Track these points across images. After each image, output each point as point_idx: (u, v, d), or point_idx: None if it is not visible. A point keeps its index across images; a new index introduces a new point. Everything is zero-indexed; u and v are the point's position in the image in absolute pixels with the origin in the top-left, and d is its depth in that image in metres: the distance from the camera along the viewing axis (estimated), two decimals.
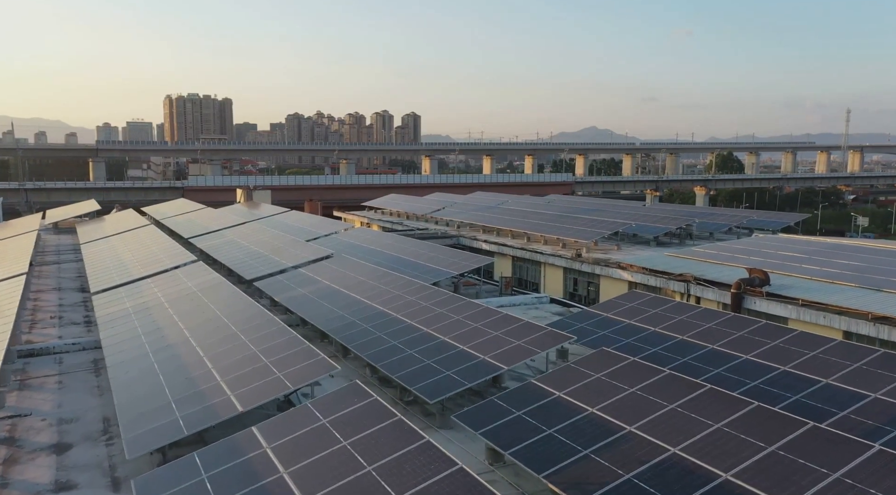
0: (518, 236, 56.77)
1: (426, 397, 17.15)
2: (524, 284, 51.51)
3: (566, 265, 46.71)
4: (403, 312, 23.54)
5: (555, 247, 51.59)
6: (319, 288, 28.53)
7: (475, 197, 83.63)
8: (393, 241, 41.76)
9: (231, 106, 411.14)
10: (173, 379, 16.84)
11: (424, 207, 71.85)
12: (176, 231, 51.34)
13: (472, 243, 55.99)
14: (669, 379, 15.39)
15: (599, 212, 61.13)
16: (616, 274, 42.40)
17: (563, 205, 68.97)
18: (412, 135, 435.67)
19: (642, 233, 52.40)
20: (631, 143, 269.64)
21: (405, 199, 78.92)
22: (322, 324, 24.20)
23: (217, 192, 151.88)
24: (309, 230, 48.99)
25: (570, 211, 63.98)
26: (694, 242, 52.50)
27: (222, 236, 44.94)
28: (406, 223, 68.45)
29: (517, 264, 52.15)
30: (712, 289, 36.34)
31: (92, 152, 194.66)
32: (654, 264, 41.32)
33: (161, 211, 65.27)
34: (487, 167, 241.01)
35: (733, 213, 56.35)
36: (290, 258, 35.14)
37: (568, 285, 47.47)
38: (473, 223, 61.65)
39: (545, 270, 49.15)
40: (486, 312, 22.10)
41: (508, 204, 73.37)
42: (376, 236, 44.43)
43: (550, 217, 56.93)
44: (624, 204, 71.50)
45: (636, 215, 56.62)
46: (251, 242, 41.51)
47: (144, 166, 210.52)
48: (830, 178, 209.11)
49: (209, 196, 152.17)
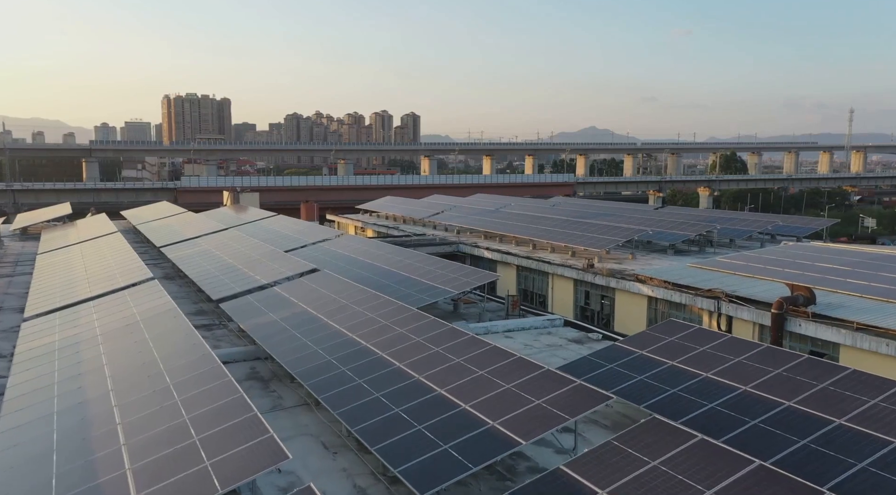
0: (523, 243, 52.11)
1: (416, 487, 12.44)
2: (530, 297, 46.82)
3: (577, 277, 41.99)
4: (392, 350, 18.83)
5: (563, 255, 46.90)
6: (294, 313, 23.82)
7: (476, 199, 78.92)
8: (387, 253, 37.04)
9: (229, 106, 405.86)
10: (68, 465, 12.15)
11: (422, 211, 67.14)
12: (150, 238, 46.64)
13: (474, 251, 51.29)
14: (761, 474, 10.69)
15: (610, 216, 56.41)
16: (634, 288, 37.68)
17: (570, 209, 64.25)
18: (411, 135, 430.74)
19: (658, 241, 47.70)
20: (632, 143, 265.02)
21: (402, 202, 74.24)
22: (291, 362, 19.50)
23: (210, 193, 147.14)
24: (295, 238, 44.27)
25: (577, 215, 59.28)
26: (715, 250, 47.78)
27: (197, 245, 40.24)
28: (403, 228, 63.78)
29: (522, 274, 47.45)
30: (747, 309, 31.63)
31: (85, 152, 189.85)
32: (678, 277, 36.62)
33: (140, 215, 60.67)
34: (487, 167, 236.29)
35: (755, 219, 51.66)
36: (267, 273, 30.42)
37: (579, 298, 42.77)
38: (474, 228, 56.96)
39: (553, 282, 44.43)
40: (495, 354, 17.37)
41: (511, 207, 68.69)
42: (369, 246, 39.71)
43: (557, 222, 52.21)
44: (634, 207, 66.84)
45: (651, 220, 51.89)
46: (227, 253, 36.79)
47: (139, 167, 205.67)
48: (836, 179, 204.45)
49: (202, 197, 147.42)
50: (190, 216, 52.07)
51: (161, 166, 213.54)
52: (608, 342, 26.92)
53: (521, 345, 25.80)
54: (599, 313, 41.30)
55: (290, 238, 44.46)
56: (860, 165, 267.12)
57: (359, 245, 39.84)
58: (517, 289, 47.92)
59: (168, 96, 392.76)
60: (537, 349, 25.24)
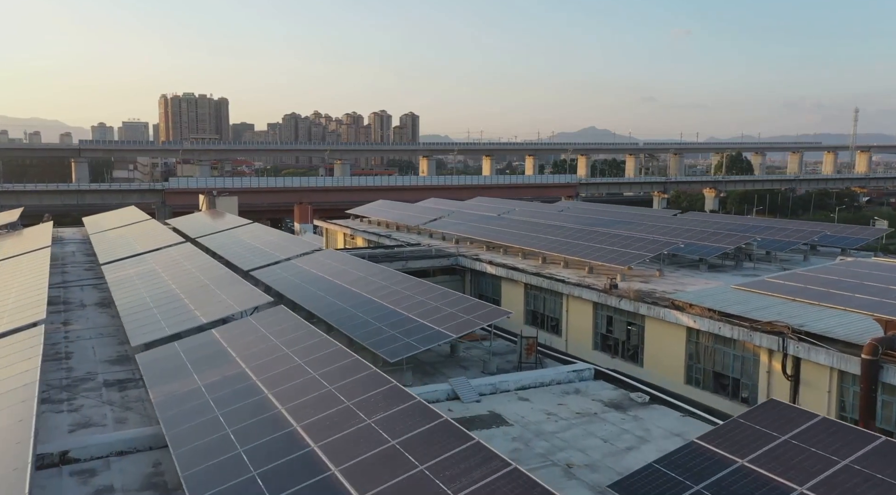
0: (531, 256, 45.07)
1: None
2: (541, 320, 39.79)
3: (598, 299, 34.91)
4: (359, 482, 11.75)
5: (579, 271, 39.85)
6: (225, 377, 16.78)
7: (476, 203, 71.86)
8: (371, 274, 30.00)
9: (227, 105, 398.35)
10: None
11: (417, 216, 60.09)
12: (97, 251, 39.58)
13: (474, 264, 44.24)
14: None
15: (629, 224, 49.38)
16: (670, 316, 30.60)
17: (581, 216, 57.18)
18: (410, 135, 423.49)
19: (686, 253, 40.63)
20: (634, 143, 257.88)
21: (396, 207, 67.18)
22: (192, 478, 12.43)
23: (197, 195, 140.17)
24: (265, 253, 37.21)
25: (591, 222, 52.22)
26: (755, 266, 40.70)
27: (143, 262, 33.19)
28: (396, 236, 56.73)
29: (531, 294, 40.41)
30: (824, 351, 24.58)
31: (74, 152, 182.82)
32: (724, 303, 29.55)
33: (99, 223, 53.63)
34: (487, 168, 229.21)
35: (797, 227, 44.53)
36: (211, 307, 23.37)
37: (600, 325, 35.70)
38: (475, 238, 49.90)
39: (569, 304, 37.37)
40: (501, 474, 10.26)
41: (515, 213, 61.62)
42: (350, 264, 32.62)
43: (570, 232, 45.15)
44: (652, 213, 59.84)
45: (677, 230, 44.86)
46: (176, 274, 29.73)
47: (131, 167, 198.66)
48: (845, 179, 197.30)
49: (191, 199, 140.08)
50: (151, 225, 45.06)
51: (153, 167, 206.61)
52: (659, 407, 19.88)
53: (541, 414, 18.73)
54: (625, 344, 34.25)
55: (260, 253, 37.41)
56: (865, 166, 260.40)
57: (339, 264, 32.76)
58: (525, 311, 40.90)
59: (165, 96, 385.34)
60: (564, 422, 18.17)
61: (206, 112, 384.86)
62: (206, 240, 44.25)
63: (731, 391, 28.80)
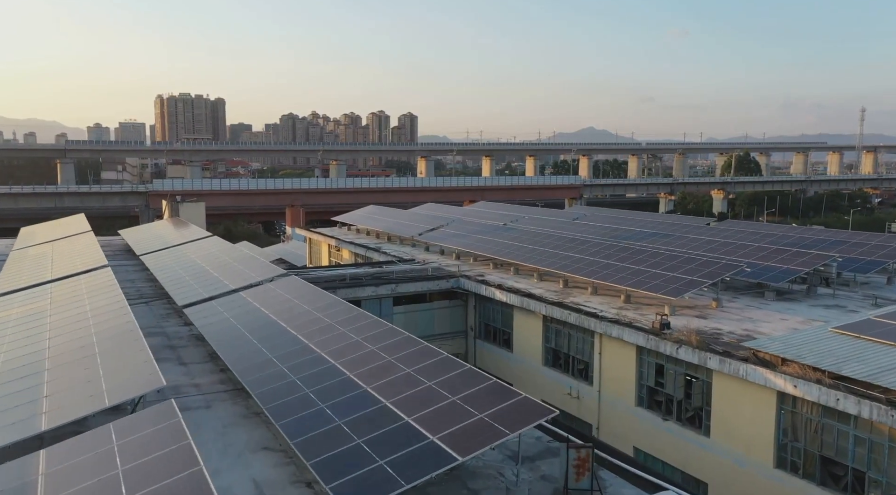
0: (549, 276, 36.36)
1: None
2: (564, 362, 31.06)
3: (644, 343, 26.16)
4: None
5: (612, 300, 31.11)
6: None
7: (478, 209, 63.10)
8: (340, 320, 21.28)
9: (224, 106, 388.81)
10: None
11: (412, 226, 51.34)
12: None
13: (480, 288, 35.49)
14: None
15: (665, 237, 40.70)
16: (755, 375, 21.82)
17: (602, 226, 48.43)
18: (409, 135, 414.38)
19: (748, 277, 31.81)
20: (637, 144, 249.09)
21: (388, 214, 58.41)
22: None
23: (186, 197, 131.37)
24: (210, 279, 28.45)
25: (617, 235, 43.51)
26: (834, 292, 31.90)
27: (39, 296, 24.43)
28: (387, 248, 48.03)
29: (552, 328, 31.67)
30: None
31: (59, 153, 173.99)
32: (835, 360, 20.80)
33: (32, 235, 44.73)
34: (487, 169, 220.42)
35: (880, 243, 35.71)
36: (79, 399, 14.56)
37: (645, 375, 26.96)
38: (480, 254, 41.15)
39: (603, 346, 28.63)
40: None
41: (524, 221, 52.85)
42: (314, 302, 23.80)
43: (596, 248, 36.41)
44: (684, 222, 51.06)
45: (728, 246, 36.12)
46: (66, 322, 20.94)
47: (119, 168, 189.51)
48: (856, 180, 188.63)
49: None
50: (83, 241, 36.29)
51: (142, 168, 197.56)
52: None
53: None
54: (682, 403, 25.49)
55: (207, 279, 28.64)
56: (870, 166, 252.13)
57: (301, 301, 23.95)
58: (543, 348, 32.17)
59: (161, 96, 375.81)
60: None
61: (203, 112, 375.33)
62: (151, 259, 35.51)
63: (850, 486, 20.06)
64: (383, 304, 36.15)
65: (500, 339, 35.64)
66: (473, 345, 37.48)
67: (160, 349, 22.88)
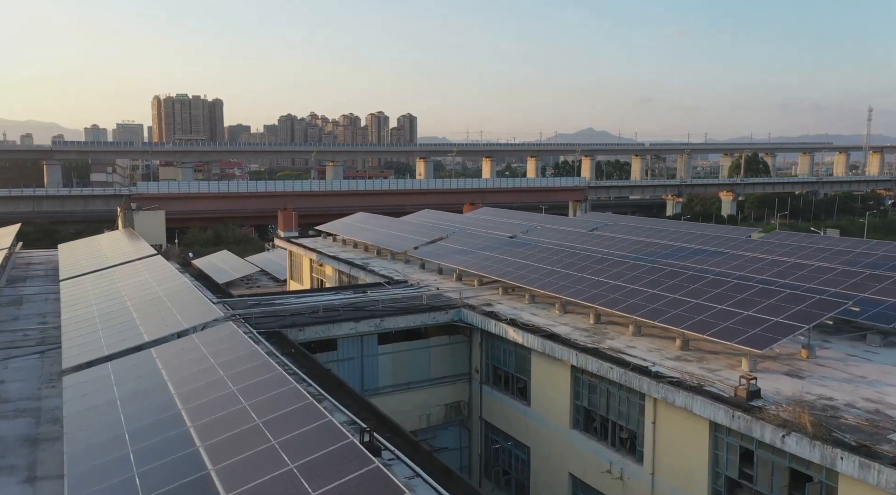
0: (573, 307, 28.48)
1: None
2: (602, 427, 23.17)
3: (725, 421, 18.23)
4: None
5: (663, 344, 23.17)
6: None
7: (482, 218, 55.20)
8: (289, 413, 13.29)
9: (221, 107, 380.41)
10: None
11: (406, 237, 43.51)
12: None
13: (488, 323, 27.64)
14: None
15: (715, 256, 32.86)
16: None
17: (628, 240, 40.59)
18: (408, 136, 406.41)
19: (854, 316, 23.85)
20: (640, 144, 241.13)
21: (379, 223, 50.55)
22: None
23: (174, 201, 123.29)
24: (123, 324, 20.54)
25: (652, 252, 35.64)
26: None
27: None
28: (376, 265, 40.23)
29: (584, 381, 23.76)
30: None
31: (46, 154, 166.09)
32: None
33: None
34: (487, 170, 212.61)
35: None
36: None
37: (723, 462, 19.04)
38: (487, 275, 33.23)
39: (658, 414, 20.73)
40: None
41: (537, 233, 44.92)
42: (240, 376, 15.82)
43: (632, 270, 28.51)
44: (725, 234, 43.17)
45: (809, 271, 28.23)
46: None
47: (109, 169, 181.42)
48: (869, 182, 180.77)
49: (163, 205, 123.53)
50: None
51: (133, 169, 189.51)
52: None
53: None
54: None
55: (119, 323, 20.74)
56: (877, 167, 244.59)
57: (225, 370, 15.95)
58: (572, 407, 24.30)
59: (158, 97, 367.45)
60: None
61: (200, 113, 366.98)
62: (70, 287, 27.65)
63: None
64: (366, 344, 28.32)
65: (513, 388, 27.76)
66: (479, 391, 29.60)
67: (15, 444, 15.07)
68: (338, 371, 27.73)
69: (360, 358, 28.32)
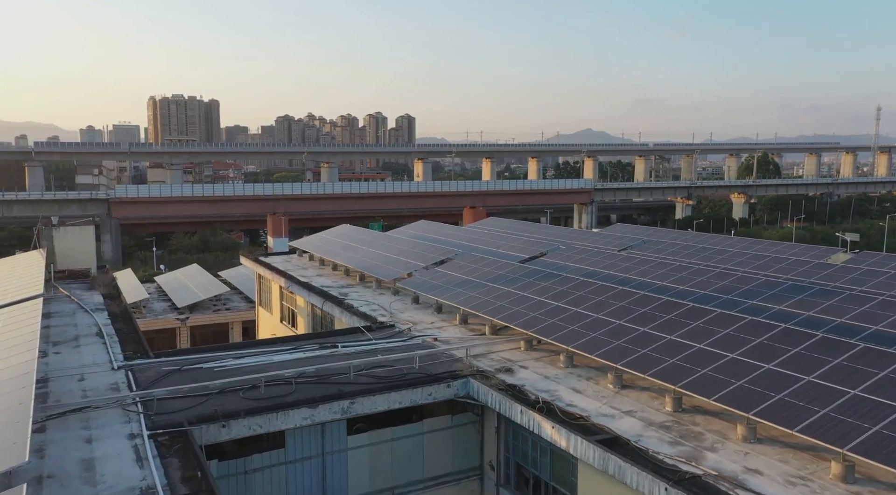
0: (634, 378, 19.05)
1: None
2: None
3: None
4: None
5: (797, 458, 13.79)
6: None
7: (490, 230, 45.73)
8: None
9: (218, 107, 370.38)
10: None
11: (396, 261, 34.16)
12: None
13: (511, 409, 18.24)
14: None
15: (824, 295, 23.50)
16: None
17: (677, 263, 31.30)
18: (406, 137, 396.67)
19: None
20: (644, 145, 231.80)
21: (365, 240, 41.14)
22: None
23: (156, 205, 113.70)
24: None
25: (728, 287, 26.21)
26: None
27: None
28: (355, 297, 30.90)
29: None
30: None
31: (27, 155, 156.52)
32: None
33: None
34: (487, 171, 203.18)
35: None
36: None
37: None
38: (502, 322, 23.78)
39: None
40: None
41: (559, 254, 35.38)
42: None
43: (719, 327, 19.19)
44: (794, 254, 33.89)
45: None
46: None
47: (95, 171, 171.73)
48: (885, 183, 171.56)
49: (144, 210, 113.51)
50: None
51: (121, 171, 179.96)
52: None
53: None
54: None
55: None
56: (885, 168, 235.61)
57: None
58: None
59: (153, 98, 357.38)
60: None
61: (196, 114, 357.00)
62: None
63: None
64: (329, 434, 18.97)
65: None
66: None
67: None
68: (287, 477, 18.41)
69: (320, 456, 18.96)
